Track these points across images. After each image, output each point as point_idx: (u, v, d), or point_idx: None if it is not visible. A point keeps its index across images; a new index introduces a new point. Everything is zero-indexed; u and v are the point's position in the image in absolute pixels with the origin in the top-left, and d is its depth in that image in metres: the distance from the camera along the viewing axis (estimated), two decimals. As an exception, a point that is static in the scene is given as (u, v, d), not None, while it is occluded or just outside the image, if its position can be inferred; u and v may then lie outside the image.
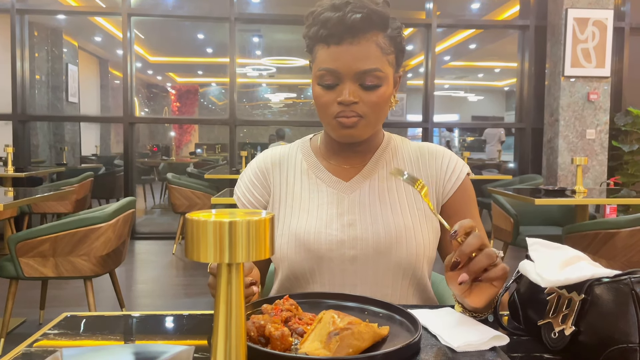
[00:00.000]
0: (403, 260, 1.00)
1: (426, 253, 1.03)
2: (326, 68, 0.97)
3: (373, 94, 0.97)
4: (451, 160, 1.10)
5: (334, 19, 0.94)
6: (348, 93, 0.96)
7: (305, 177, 1.09)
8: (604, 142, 5.38)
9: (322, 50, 0.98)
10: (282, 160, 1.13)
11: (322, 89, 0.99)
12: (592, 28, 5.25)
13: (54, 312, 3.12)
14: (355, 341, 0.68)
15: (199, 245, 0.48)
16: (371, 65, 0.96)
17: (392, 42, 1.00)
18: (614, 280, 0.67)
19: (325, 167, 1.09)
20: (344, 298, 0.87)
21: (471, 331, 0.76)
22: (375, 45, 0.96)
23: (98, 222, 2.43)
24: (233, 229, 0.48)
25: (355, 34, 0.95)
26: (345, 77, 0.96)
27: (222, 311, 0.50)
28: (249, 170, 1.14)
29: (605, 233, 2.56)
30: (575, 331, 0.69)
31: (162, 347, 0.64)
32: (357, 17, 0.93)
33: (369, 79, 0.96)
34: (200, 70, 14.34)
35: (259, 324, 0.70)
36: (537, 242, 0.81)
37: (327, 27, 0.95)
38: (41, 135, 7.18)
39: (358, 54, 0.95)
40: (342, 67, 0.96)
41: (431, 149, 1.11)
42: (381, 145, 1.11)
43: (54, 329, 0.77)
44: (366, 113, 0.98)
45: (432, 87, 5.78)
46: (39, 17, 6.80)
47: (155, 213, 7.83)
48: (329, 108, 0.99)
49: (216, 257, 0.48)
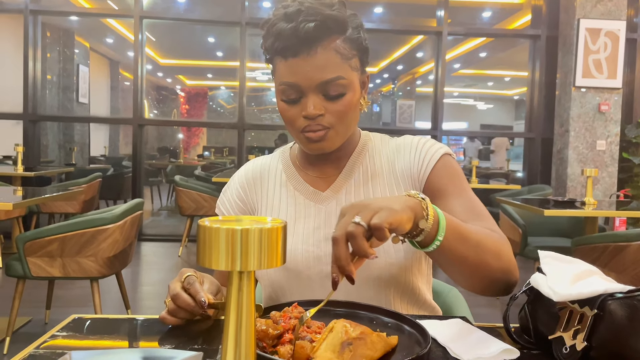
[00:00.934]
0: (384, 272, 0.96)
1: (411, 261, 0.98)
2: (287, 82, 0.93)
3: (338, 103, 0.94)
4: (425, 145, 1.04)
5: (287, 31, 0.90)
6: (312, 106, 0.92)
7: (284, 190, 1.06)
8: (615, 154, 5.34)
9: (280, 64, 0.94)
10: (262, 174, 1.10)
11: (286, 104, 0.95)
12: (604, 39, 5.23)
13: (59, 312, 3.13)
14: (368, 351, 0.68)
15: (211, 252, 0.48)
16: (332, 74, 0.92)
17: (353, 45, 0.95)
18: (627, 296, 0.67)
19: (302, 177, 1.06)
20: (353, 306, 0.86)
21: (481, 344, 0.75)
22: (335, 53, 0.92)
23: (106, 223, 2.44)
24: (245, 237, 0.48)
25: (311, 45, 0.90)
26: (307, 90, 0.92)
27: (233, 318, 0.50)
28: (232, 187, 1.12)
29: (615, 246, 2.54)
30: (586, 347, 0.68)
31: (171, 352, 0.64)
32: (310, 27, 0.89)
33: (332, 89, 0.92)
34: (209, 74, 14.42)
35: (261, 328, 0.69)
36: (549, 255, 0.81)
37: (282, 40, 0.91)
38: (51, 135, 7.24)
39: (317, 65, 0.91)
40: (302, 80, 0.92)
41: (406, 142, 1.06)
42: (356, 149, 1.06)
43: (62, 331, 0.77)
44: (333, 123, 0.94)
45: (441, 95, 5.77)
46: (52, 18, 6.87)
47: (162, 215, 7.85)
48: (295, 122, 0.95)
49: (227, 265, 0.48)
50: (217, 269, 0.81)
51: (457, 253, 0.81)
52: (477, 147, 11.62)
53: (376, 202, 0.72)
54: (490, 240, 0.85)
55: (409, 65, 11.33)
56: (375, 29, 6.03)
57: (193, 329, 0.81)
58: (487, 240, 0.85)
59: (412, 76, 12.24)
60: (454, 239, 0.80)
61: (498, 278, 0.86)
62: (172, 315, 0.82)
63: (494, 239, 0.86)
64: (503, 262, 0.85)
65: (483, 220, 0.93)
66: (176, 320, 0.82)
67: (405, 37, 8.82)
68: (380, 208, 0.71)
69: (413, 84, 12.53)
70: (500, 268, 0.85)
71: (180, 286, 0.83)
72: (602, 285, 0.70)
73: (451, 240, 0.79)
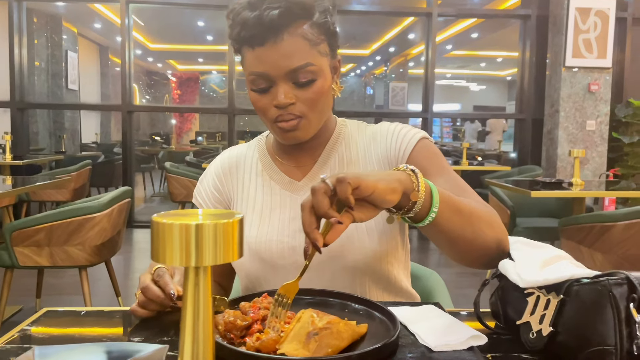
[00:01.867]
0: (359, 261, 0.96)
1: (387, 249, 0.98)
2: (255, 72, 0.91)
3: (309, 90, 0.92)
4: (402, 130, 1.03)
5: (252, 19, 0.88)
6: (283, 95, 0.91)
7: (260, 179, 1.06)
8: (604, 134, 5.35)
9: (248, 53, 0.92)
10: (238, 163, 1.09)
11: (256, 94, 0.94)
12: (594, 18, 5.20)
13: (50, 300, 3.13)
14: (334, 341, 0.68)
15: (165, 248, 0.47)
16: (301, 61, 0.90)
17: (321, 29, 0.93)
18: (593, 282, 0.67)
19: (278, 167, 1.05)
20: (325, 294, 0.87)
21: (450, 330, 0.75)
22: (302, 39, 0.90)
23: (93, 211, 2.43)
24: (200, 232, 0.47)
25: (277, 32, 0.88)
26: (276, 79, 0.91)
27: (190, 314, 0.50)
28: (208, 177, 1.11)
29: (601, 226, 2.56)
30: (553, 332, 0.69)
31: (137, 345, 0.64)
32: (274, 14, 0.87)
33: (302, 76, 0.91)
34: (200, 58, 14.28)
35: (229, 320, 0.70)
36: (519, 240, 0.81)
37: (247, 29, 0.89)
38: (41, 123, 7.17)
39: (284, 53, 0.89)
40: (271, 69, 0.90)
41: (383, 129, 1.05)
42: (332, 137, 1.06)
43: (32, 325, 0.77)
44: (305, 112, 0.93)
45: (432, 77, 5.75)
46: (38, 3, 6.76)
47: (154, 201, 7.84)
48: (267, 112, 0.94)
49: (182, 261, 0.47)
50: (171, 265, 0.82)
51: (453, 225, 0.80)
52: (477, 129, 11.62)
53: (357, 172, 0.71)
54: (483, 211, 0.85)
55: (401, 47, 11.25)
56: (365, 11, 5.98)
57: (164, 321, 0.81)
58: (479, 210, 0.84)
59: (404, 58, 12.17)
60: (448, 211, 0.78)
61: (493, 248, 0.85)
62: (143, 307, 0.82)
63: (486, 209, 0.87)
64: (497, 231, 0.85)
65: (468, 195, 0.93)
66: (147, 313, 0.82)
67: (397, 19, 8.75)
68: (354, 173, 0.69)
69: (405, 66, 12.46)
70: (494, 237, 0.84)
71: (150, 278, 0.83)
72: (569, 270, 0.70)
73: (446, 212, 0.78)
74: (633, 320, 0.63)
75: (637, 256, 2.51)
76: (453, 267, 4.34)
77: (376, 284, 1.00)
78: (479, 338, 0.74)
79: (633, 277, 0.64)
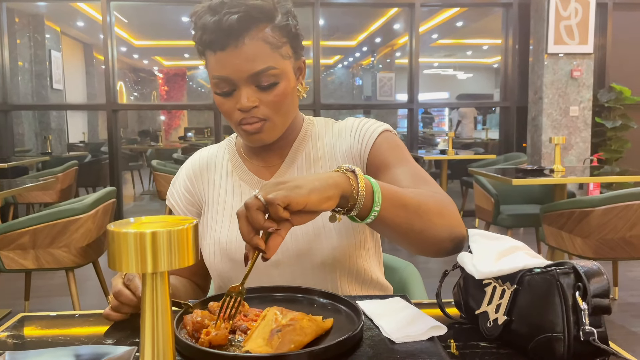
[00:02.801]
0: (327, 256, 0.98)
1: (355, 242, 1.00)
2: (218, 76, 0.93)
3: (271, 93, 0.93)
4: (364, 125, 1.05)
5: (212, 24, 0.89)
6: (246, 99, 0.92)
7: (230, 180, 1.07)
8: (588, 119, 5.41)
9: (211, 57, 0.93)
10: (209, 164, 1.11)
11: (220, 97, 0.95)
12: (575, 4, 5.24)
13: (39, 302, 3.14)
14: (297, 337, 0.70)
15: (121, 256, 0.49)
16: (262, 65, 0.91)
17: (282, 32, 0.94)
18: (542, 272, 0.70)
19: (248, 167, 1.07)
20: (293, 290, 0.89)
21: (412, 322, 0.78)
22: (263, 42, 0.91)
23: (77, 213, 2.44)
24: (154, 240, 0.49)
25: (237, 37, 0.89)
26: (239, 82, 0.92)
27: (149, 318, 0.52)
28: (180, 179, 1.12)
29: (580, 212, 2.60)
30: (507, 320, 0.72)
31: (106, 348, 0.66)
32: (233, 19, 0.88)
33: (264, 79, 0.92)
34: (186, 54, 14.19)
35: (196, 320, 0.72)
36: (477, 233, 0.84)
37: (208, 33, 0.90)
38: (26, 124, 7.12)
39: (246, 57, 0.90)
40: (233, 73, 0.91)
41: (347, 125, 1.07)
42: (299, 135, 1.07)
43: (7, 331, 0.79)
44: (269, 115, 0.95)
45: (416, 68, 5.77)
46: (19, 3, 6.69)
47: (144, 199, 7.83)
48: (232, 116, 0.96)
49: (138, 268, 0.49)
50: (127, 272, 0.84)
51: (400, 220, 0.80)
52: (473, 115, 11.71)
53: (290, 181, 0.71)
54: (431, 201, 0.85)
55: (387, 37, 11.25)
56: (348, 3, 5.98)
57: (137, 323, 0.83)
58: (427, 201, 0.84)
59: (390, 48, 12.17)
60: (392, 206, 0.79)
61: (445, 237, 0.85)
62: (116, 311, 0.84)
63: (434, 199, 0.86)
64: (447, 220, 0.85)
65: (428, 184, 0.94)
66: (120, 316, 0.84)
67: (381, 10, 8.75)
68: (286, 187, 0.70)
69: (392, 56, 12.47)
70: (445, 226, 0.85)
71: (121, 282, 0.85)
72: (522, 261, 0.73)
73: (390, 208, 0.78)
74: (579, 308, 0.66)
75: (615, 240, 2.56)
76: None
77: (347, 277, 1.02)
78: (439, 328, 0.77)
79: (579, 267, 0.67)
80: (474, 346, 0.74)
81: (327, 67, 14.94)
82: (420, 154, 5.60)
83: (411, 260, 1.35)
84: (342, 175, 0.75)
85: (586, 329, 0.65)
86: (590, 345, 0.65)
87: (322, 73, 6.10)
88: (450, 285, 0.87)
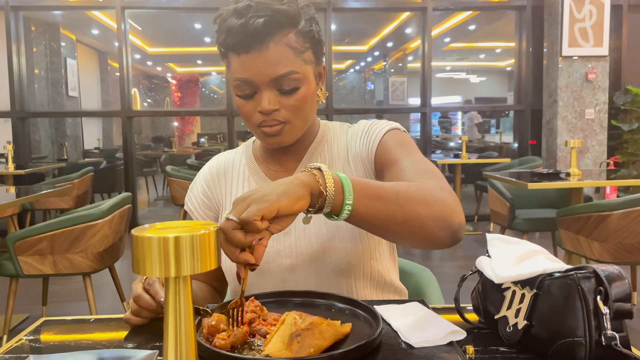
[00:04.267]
0: (341, 260, 0.98)
1: (369, 245, 1.00)
2: (240, 78, 0.93)
3: (292, 97, 0.94)
4: (372, 126, 1.05)
5: (237, 27, 0.90)
6: (267, 102, 0.93)
7: (247, 185, 1.08)
8: (603, 122, 5.36)
9: (233, 59, 0.94)
10: (227, 169, 1.12)
11: (241, 100, 0.96)
12: (589, 6, 5.20)
13: (56, 307, 3.18)
14: (316, 341, 0.71)
15: (145, 260, 0.50)
16: (285, 69, 0.92)
17: (305, 38, 0.95)
18: (563, 276, 0.69)
19: (264, 171, 1.08)
20: (311, 295, 0.90)
21: (430, 327, 0.78)
22: (287, 47, 0.92)
23: (94, 219, 2.47)
24: (177, 244, 0.50)
25: (262, 40, 0.90)
26: (261, 86, 0.93)
27: (172, 322, 0.52)
28: (198, 183, 1.13)
29: (598, 216, 2.58)
30: (527, 325, 0.72)
31: (128, 352, 0.67)
32: (259, 22, 0.89)
33: (286, 84, 0.93)
34: (199, 60, 14.30)
35: (211, 324, 0.73)
36: (495, 237, 0.83)
37: (233, 36, 0.91)
38: (42, 131, 7.22)
39: (269, 60, 0.91)
40: (255, 76, 0.92)
41: (359, 127, 1.07)
42: (315, 139, 1.08)
43: (30, 335, 0.81)
44: (289, 118, 0.96)
45: (429, 71, 5.76)
46: (35, 12, 6.80)
47: (158, 205, 7.89)
48: (252, 118, 0.97)
49: (161, 272, 0.50)
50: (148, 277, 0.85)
51: (376, 212, 0.77)
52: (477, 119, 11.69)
53: (256, 192, 0.71)
54: (413, 190, 0.81)
55: (399, 41, 11.24)
56: (360, 8, 5.99)
57: (158, 327, 0.84)
58: (408, 190, 0.81)
59: (402, 52, 12.16)
60: (367, 198, 0.77)
61: (435, 226, 0.81)
62: (136, 315, 0.84)
63: (418, 188, 0.82)
64: (434, 208, 0.81)
65: (434, 178, 0.90)
66: (141, 320, 0.85)
67: (393, 14, 8.74)
68: (254, 200, 0.69)
69: (404, 60, 12.45)
70: (433, 215, 0.80)
71: (141, 287, 0.86)
72: (541, 265, 0.73)
73: (364, 200, 0.76)
74: (601, 313, 0.65)
75: (634, 244, 2.53)
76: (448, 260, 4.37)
77: (362, 281, 1.02)
78: (458, 333, 0.76)
79: (600, 271, 0.67)
80: (494, 351, 0.74)
81: (339, 72, 14.95)
82: (433, 158, 5.58)
83: (427, 265, 1.35)
84: (308, 174, 0.75)
85: (608, 334, 0.65)
86: (612, 350, 0.65)
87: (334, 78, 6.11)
88: (467, 290, 0.87)
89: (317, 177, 0.75)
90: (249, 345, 0.73)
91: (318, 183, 0.74)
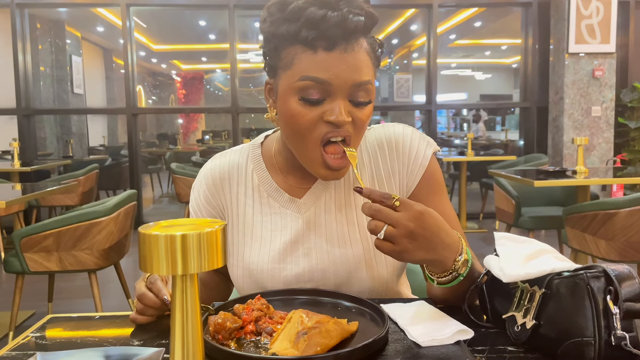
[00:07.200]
0: (365, 287, 0.94)
1: (394, 271, 0.96)
2: (315, 78, 0.79)
3: (362, 111, 0.83)
4: (412, 145, 0.96)
5: (332, 19, 0.77)
6: (343, 111, 0.81)
7: (256, 195, 0.97)
8: (610, 119, 5.33)
9: (304, 55, 0.80)
10: (231, 174, 1.00)
11: (303, 105, 0.81)
12: (596, 3, 5.17)
13: (62, 304, 3.19)
14: (323, 339, 0.70)
15: (152, 258, 0.50)
16: (365, 76, 0.81)
17: (373, 50, 0.85)
18: (572, 275, 0.69)
19: (276, 182, 0.97)
20: (318, 293, 0.89)
21: (437, 326, 0.78)
22: (366, 53, 0.82)
23: (99, 216, 2.47)
24: (184, 242, 0.50)
25: (349, 40, 0.80)
26: (336, 91, 0.81)
27: (179, 319, 0.52)
28: (200, 187, 1.02)
29: (604, 214, 2.56)
30: (536, 324, 0.71)
31: (134, 349, 0.67)
32: (359, 20, 0.79)
33: (362, 94, 0.82)
34: (204, 57, 14.31)
35: (217, 321, 0.72)
36: (503, 236, 0.83)
37: (318, 28, 0.78)
38: (48, 128, 7.24)
39: (352, 64, 0.80)
40: (336, 78, 0.80)
41: (390, 140, 0.97)
42: None
43: (37, 332, 0.81)
44: (352, 134, 0.84)
45: (434, 68, 5.74)
46: (40, 9, 6.81)
47: (163, 202, 7.91)
48: (314, 130, 0.82)
49: (168, 270, 0.50)
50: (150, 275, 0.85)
51: (463, 288, 0.84)
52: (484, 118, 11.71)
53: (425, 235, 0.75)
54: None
55: (404, 38, 11.22)
56: (365, 5, 5.96)
57: (164, 324, 0.84)
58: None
59: (408, 49, 12.12)
60: (468, 277, 0.82)
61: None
62: (141, 314, 0.84)
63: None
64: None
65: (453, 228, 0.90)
66: (146, 319, 0.84)
67: (398, 11, 8.72)
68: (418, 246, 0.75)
69: (409, 57, 12.42)
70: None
71: (144, 285, 0.85)
72: (550, 264, 0.72)
73: (466, 277, 0.82)
74: (610, 312, 0.65)
75: (640, 242, 2.51)
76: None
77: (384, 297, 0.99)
78: (465, 332, 0.76)
79: (609, 270, 0.66)
80: (502, 350, 0.73)
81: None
82: (439, 156, 5.57)
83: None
84: (456, 242, 0.81)
85: (618, 334, 0.64)
86: (621, 350, 0.64)
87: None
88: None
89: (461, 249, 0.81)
90: (255, 344, 0.73)
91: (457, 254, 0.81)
